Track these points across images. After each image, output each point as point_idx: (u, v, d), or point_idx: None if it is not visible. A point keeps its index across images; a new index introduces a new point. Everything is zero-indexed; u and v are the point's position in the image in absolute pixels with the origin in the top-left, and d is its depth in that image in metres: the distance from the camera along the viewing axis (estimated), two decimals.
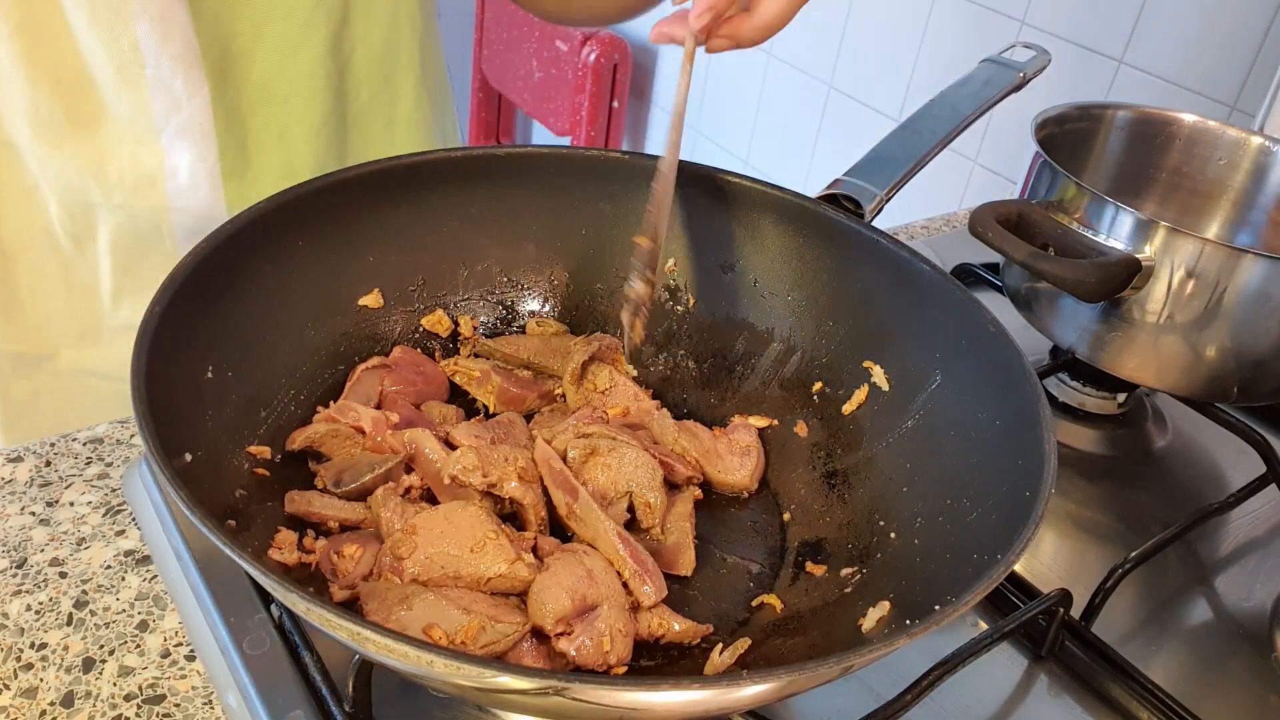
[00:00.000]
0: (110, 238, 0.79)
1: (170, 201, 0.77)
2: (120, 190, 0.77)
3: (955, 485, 0.59)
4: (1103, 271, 0.73)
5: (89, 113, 0.74)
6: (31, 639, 0.59)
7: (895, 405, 0.66)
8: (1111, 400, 0.89)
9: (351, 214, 0.67)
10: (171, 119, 0.74)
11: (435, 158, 0.70)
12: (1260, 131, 0.92)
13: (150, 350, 0.51)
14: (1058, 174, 0.79)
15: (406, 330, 0.71)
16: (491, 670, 0.40)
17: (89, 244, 0.79)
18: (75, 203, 0.77)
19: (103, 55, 0.71)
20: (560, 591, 0.54)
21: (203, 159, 0.76)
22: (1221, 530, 0.79)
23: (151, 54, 0.71)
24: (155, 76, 0.72)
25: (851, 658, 0.42)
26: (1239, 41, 1.35)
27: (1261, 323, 0.74)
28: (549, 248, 0.74)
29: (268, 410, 0.62)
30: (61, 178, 0.75)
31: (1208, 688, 0.66)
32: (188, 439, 0.52)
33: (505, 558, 0.55)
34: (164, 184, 0.77)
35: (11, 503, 0.67)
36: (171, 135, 0.75)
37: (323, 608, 0.40)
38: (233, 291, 0.60)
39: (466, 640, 0.51)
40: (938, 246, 1.11)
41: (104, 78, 0.72)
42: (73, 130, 0.74)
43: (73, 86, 0.73)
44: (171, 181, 0.76)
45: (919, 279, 0.66)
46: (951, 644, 0.60)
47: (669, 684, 0.41)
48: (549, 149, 0.73)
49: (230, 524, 0.53)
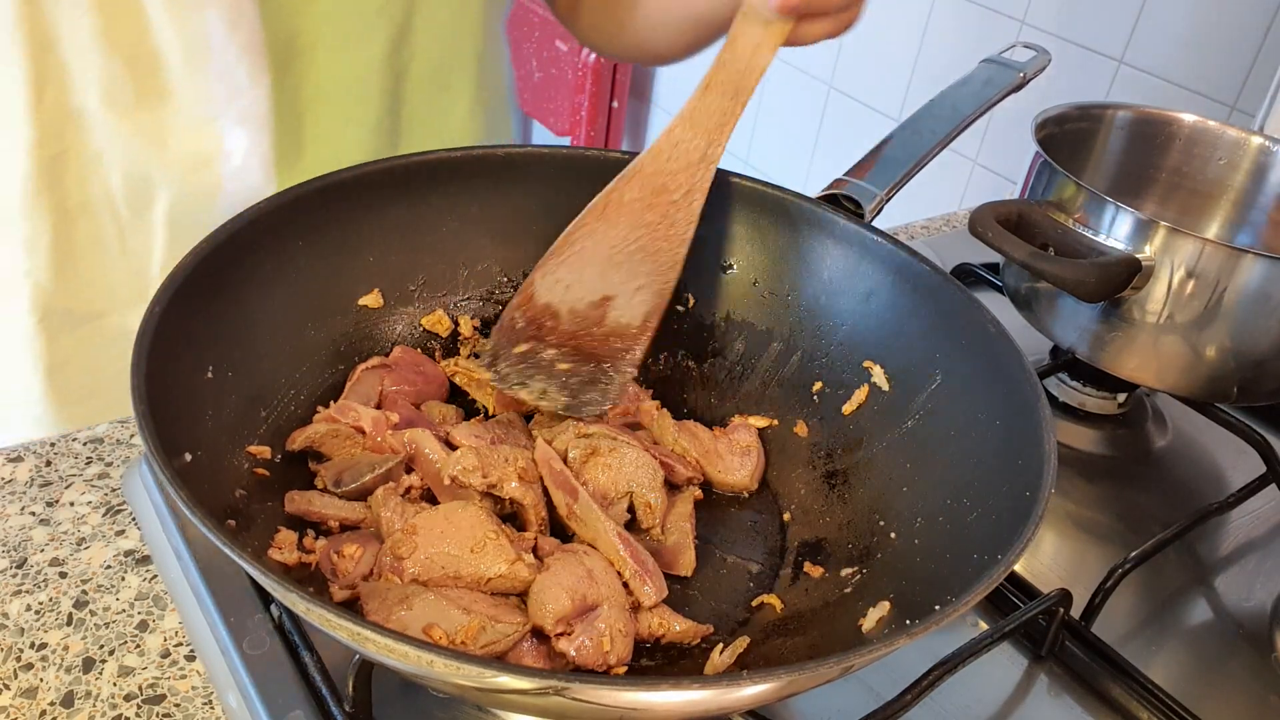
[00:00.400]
0: (166, 210, 0.82)
1: (224, 183, 0.81)
2: (178, 166, 0.80)
3: (955, 485, 0.59)
4: (1103, 271, 0.73)
5: (156, 91, 0.77)
6: (31, 639, 0.59)
7: (895, 405, 0.66)
8: (1111, 400, 0.89)
9: (352, 214, 0.67)
10: (232, 104, 0.78)
11: (435, 158, 0.70)
12: (1260, 131, 0.92)
13: (150, 350, 0.51)
14: (1058, 174, 0.79)
15: (406, 330, 0.71)
16: (491, 670, 0.40)
17: (146, 213, 0.82)
18: (136, 174, 0.80)
19: (174, 38, 0.75)
20: (560, 591, 0.54)
21: (257, 145, 0.79)
22: (1221, 530, 0.79)
23: (219, 41, 0.75)
24: (220, 63, 0.76)
25: (851, 658, 0.42)
26: (1239, 41, 1.35)
27: (1261, 323, 0.74)
28: (549, 248, 0.74)
29: (268, 410, 0.62)
30: (126, 149, 0.79)
31: (1208, 688, 0.66)
32: (188, 439, 0.52)
33: (505, 558, 0.55)
34: (219, 165, 0.80)
35: (11, 503, 0.67)
36: (230, 120, 0.79)
37: (322, 607, 0.40)
38: (233, 291, 0.60)
39: (466, 640, 0.51)
40: (938, 246, 1.11)
41: (173, 59, 0.76)
42: (139, 105, 0.78)
43: (144, 64, 0.76)
44: (226, 163, 0.80)
45: (919, 279, 0.66)
46: (951, 644, 0.60)
47: (669, 684, 0.41)
48: (549, 149, 0.73)
49: (230, 524, 0.53)
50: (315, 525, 0.59)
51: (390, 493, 0.60)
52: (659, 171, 0.69)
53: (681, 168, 0.69)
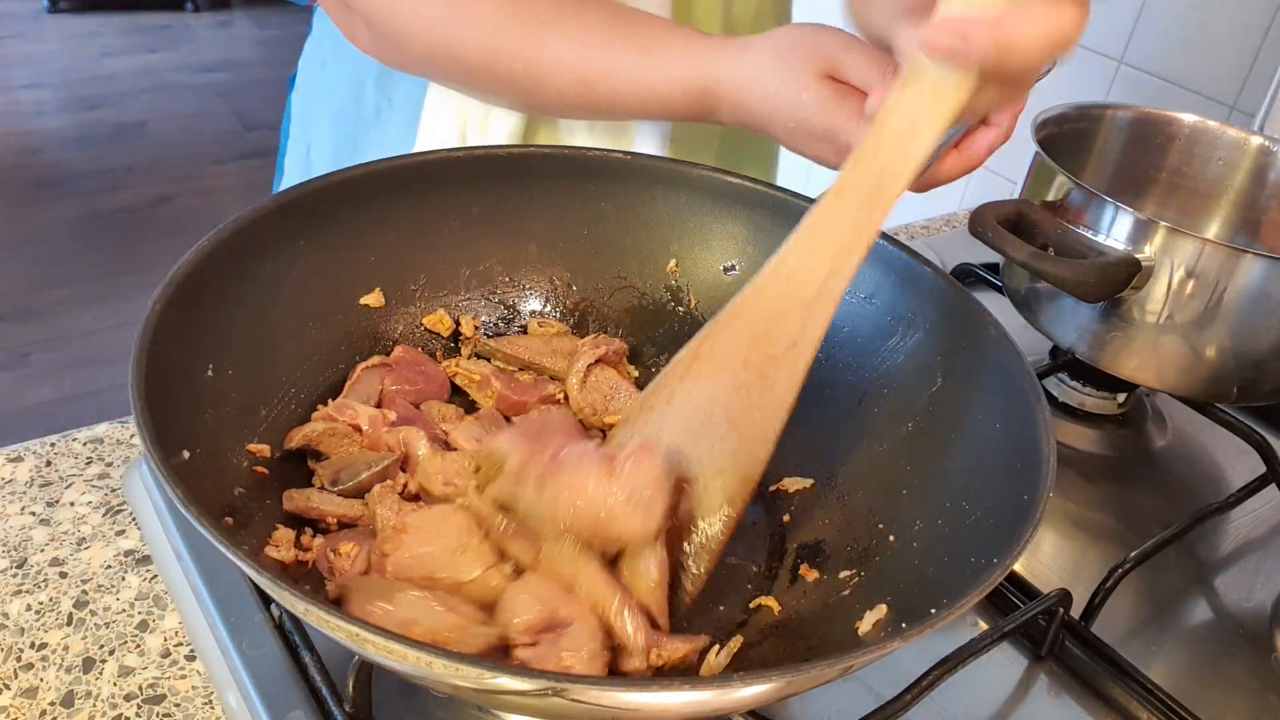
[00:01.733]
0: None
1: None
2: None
3: (954, 488, 0.59)
4: (1103, 271, 0.73)
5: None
6: (31, 639, 0.59)
7: (896, 407, 0.66)
8: (1111, 400, 0.89)
9: (354, 213, 0.67)
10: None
11: (438, 157, 0.70)
12: (1260, 131, 0.92)
13: (150, 348, 0.51)
14: (1057, 174, 0.79)
15: (408, 329, 0.71)
16: (490, 671, 0.40)
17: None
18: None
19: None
20: (531, 601, 0.51)
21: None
22: (1221, 530, 0.79)
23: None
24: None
25: (850, 659, 0.42)
26: (1239, 41, 1.35)
27: (1261, 323, 0.74)
28: (551, 248, 0.74)
29: (268, 408, 0.62)
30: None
31: (1208, 688, 0.66)
32: (186, 436, 0.52)
33: (482, 563, 0.54)
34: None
35: (11, 503, 0.67)
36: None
37: (318, 606, 0.40)
38: (235, 290, 0.60)
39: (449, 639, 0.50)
40: (938, 246, 1.11)
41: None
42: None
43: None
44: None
45: (921, 281, 0.66)
46: (951, 644, 0.60)
47: (667, 685, 0.41)
48: (551, 149, 0.73)
49: (228, 521, 0.53)
50: (314, 524, 0.59)
51: (387, 490, 0.60)
52: (763, 315, 0.55)
53: (791, 308, 0.54)
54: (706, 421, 0.56)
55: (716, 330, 0.57)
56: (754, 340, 0.56)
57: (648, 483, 0.52)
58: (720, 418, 0.56)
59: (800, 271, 0.55)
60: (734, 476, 0.56)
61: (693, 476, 0.56)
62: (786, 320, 0.55)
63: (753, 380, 0.55)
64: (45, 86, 3.93)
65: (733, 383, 0.56)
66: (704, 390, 0.56)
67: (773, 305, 0.55)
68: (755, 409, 0.55)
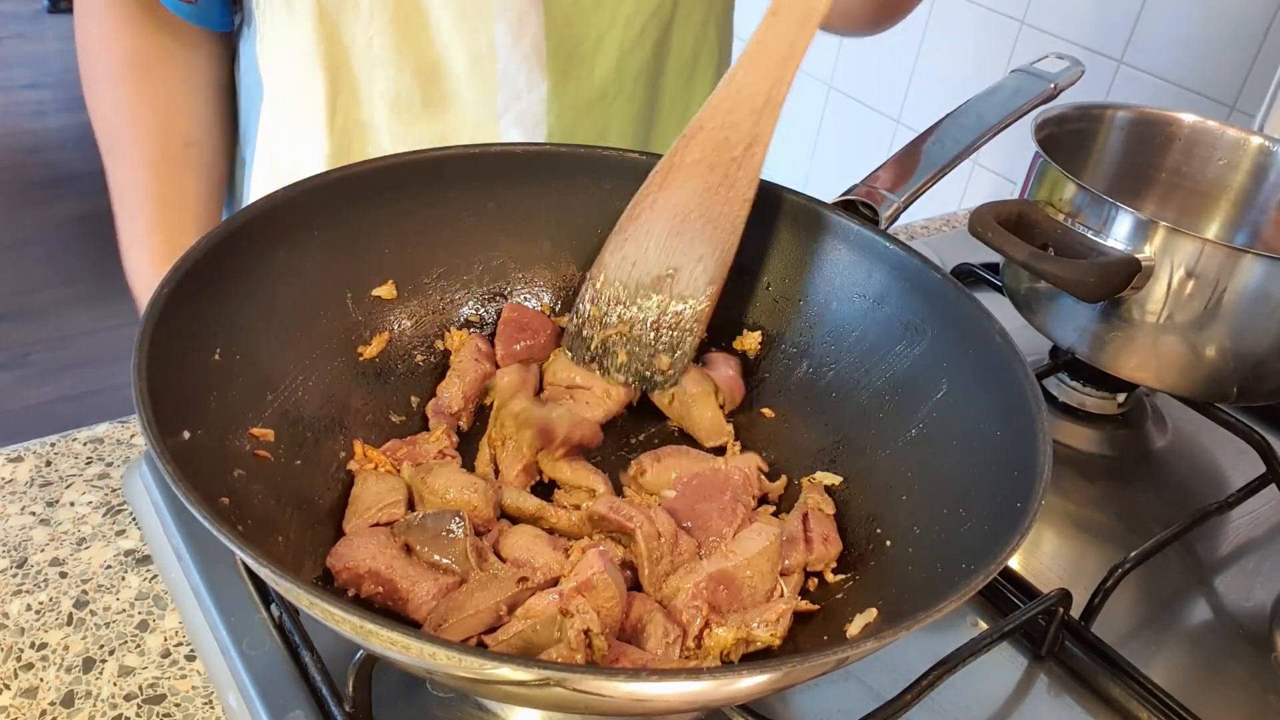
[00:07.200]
0: None
1: None
2: None
3: (953, 494, 0.58)
4: (1103, 271, 0.73)
5: (440, 97, 0.83)
6: (32, 639, 0.59)
7: (901, 413, 0.65)
8: (1111, 400, 0.89)
9: (370, 207, 0.67)
10: (511, 107, 0.83)
11: (454, 154, 0.70)
12: (1260, 131, 0.92)
13: (155, 329, 0.51)
14: (1058, 174, 0.79)
15: (420, 324, 0.71)
16: (492, 662, 0.40)
17: None
18: None
19: (461, 50, 0.80)
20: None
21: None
22: (1221, 530, 0.79)
23: (504, 51, 0.80)
24: (504, 71, 0.81)
25: (846, 650, 0.42)
26: (1239, 42, 1.35)
27: (1261, 323, 0.74)
28: (564, 245, 0.74)
29: (275, 394, 0.61)
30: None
31: (1208, 688, 0.66)
32: (189, 417, 0.52)
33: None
34: None
35: (11, 503, 0.67)
36: (509, 121, 0.84)
37: (297, 585, 0.40)
38: (245, 277, 0.60)
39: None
40: (938, 246, 1.11)
41: (459, 69, 0.81)
42: (425, 112, 0.83)
43: (430, 74, 0.81)
44: None
45: (930, 288, 0.66)
46: (951, 644, 0.60)
47: (668, 675, 0.41)
48: (566, 147, 0.73)
49: (224, 501, 0.53)
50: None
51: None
52: (721, 125, 0.65)
53: (744, 116, 0.64)
54: (685, 219, 0.67)
55: (684, 144, 0.66)
56: (716, 147, 0.66)
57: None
58: (696, 215, 0.67)
59: (749, 84, 0.64)
60: (713, 260, 0.67)
61: (678, 266, 0.68)
62: (743, 126, 0.65)
63: (719, 180, 0.66)
64: (45, 86, 3.92)
65: (703, 184, 0.66)
66: (680, 194, 0.67)
67: (729, 115, 0.65)
68: (724, 204, 0.66)
